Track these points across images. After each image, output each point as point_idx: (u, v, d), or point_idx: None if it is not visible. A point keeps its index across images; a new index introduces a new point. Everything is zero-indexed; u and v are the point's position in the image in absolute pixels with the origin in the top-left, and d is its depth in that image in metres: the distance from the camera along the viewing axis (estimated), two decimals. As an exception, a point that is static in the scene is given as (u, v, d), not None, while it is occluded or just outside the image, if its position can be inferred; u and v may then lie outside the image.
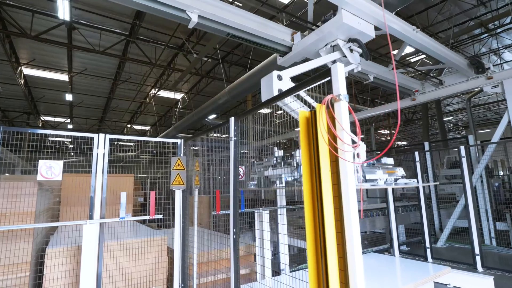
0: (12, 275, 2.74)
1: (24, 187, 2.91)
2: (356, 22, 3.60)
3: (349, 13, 3.53)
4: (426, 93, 6.81)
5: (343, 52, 3.66)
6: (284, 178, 3.15)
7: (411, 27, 4.65)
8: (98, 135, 3.14)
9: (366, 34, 3.71)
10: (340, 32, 3.63)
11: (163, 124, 19.96)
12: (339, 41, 3.67)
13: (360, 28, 3.62)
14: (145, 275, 3.30)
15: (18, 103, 16.65)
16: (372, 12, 3.71)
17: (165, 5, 3.51)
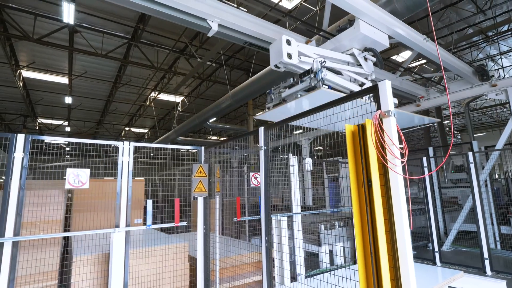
0: (40, 283, 2.74)
1: (51, 195, 2.91)
2: (372, 32, 3.67)
3: (366, 24, 3.60)
4: (431, 99, 6.97)
5: (358, 61, 3.70)
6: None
7: (422, 36, 4.79)
8: (123, 142, 3.16)
9: (381, 43, 3.79)
10: (356, 41, 3.69)
11: (161, 127, 19.88)
12: (354, 50, 3.71)
13: (376, 38, 3.69)
14: (167, 282, 3.32)
15: (15, 106, 16.43)
16: (387, 21, 3.80)
17: (187, 14, 3.56)
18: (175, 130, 14.08)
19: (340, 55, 3.56)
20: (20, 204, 2.60)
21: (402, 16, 4.57)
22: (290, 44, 3.04)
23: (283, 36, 3.02)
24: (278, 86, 3.29)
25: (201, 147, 3.69)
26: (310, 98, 2.87)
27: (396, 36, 4.19)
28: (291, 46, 3.05)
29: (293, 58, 3.03)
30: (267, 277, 2.44)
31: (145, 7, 3.40)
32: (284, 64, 3.09)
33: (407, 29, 4.34)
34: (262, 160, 2.60)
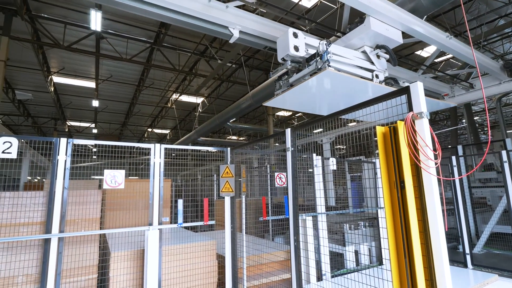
0: (83, 277, 2.94)
1: (90, 195, 3.11)
2: (384, 28, 3.53)
3: (377, 20, 3.47)
4: (456, 96, 6.73)
5: (370, 58, 3.60)
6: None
7: (444, 34, 4.64)
8: (154, 145, 3.32)
9: (394, 40, 3.65)
10: (367, 39, 3.57)
11: (183, 128, 20.33)
12: (366, 47, 3.60)
13: (388, 35, 3.56)
14: (197, 278, 3.44)
15: (47, 110, 17.39)
16: (400, 18, 3.65)
17: (210, 23, 3.66)
18: (196, 131, 14.38)
19: (350, 51, 3.44)
20: (64, 203, 2.81)
21: (427, 11, 4.44)
22: (297, 37, 3.03)
23: (289, 29, 3.00)
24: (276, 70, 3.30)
25: (227, 148, 3.79)
26: (317, 80, 2.85)
27: (413, 33, 4.03)
28: (298, 38, 3.03)
29: (300, 50, 3.01)
30: (296, 275, 2.49)
31: (171, 18, 3.53)
32: (292, 57, 3.06)
33: (426, 26, 4.20)
34: (289, 161, 2.65)
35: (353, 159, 6.38)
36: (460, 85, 6.70)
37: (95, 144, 16.94)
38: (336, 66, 3.16)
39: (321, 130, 10.16)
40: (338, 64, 3.22)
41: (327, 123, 2.75)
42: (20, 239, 2.72)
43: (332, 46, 3.08)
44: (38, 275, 2.75)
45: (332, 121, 2.81)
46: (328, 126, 2.76)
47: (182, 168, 13.70)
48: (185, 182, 11.09)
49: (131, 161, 16.68)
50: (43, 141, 3.05)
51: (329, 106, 3.94)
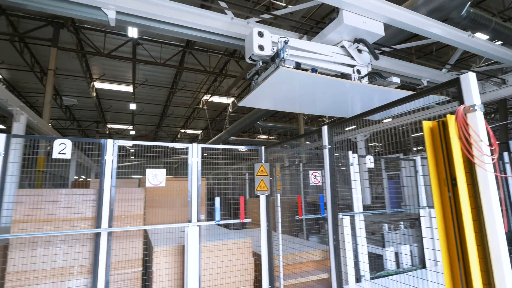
0: (129, 269, 3.13)
1: (134, 192, 3.31)
2: (360, 21, 3.31)
3: (351, 14, 3.26)
4: (487, 93, 6.23)
5: (349, 53, 3.41)
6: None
7: (466, 33, 4.40)
8: (192, 145, 3.43)
9: (374, 33, 3.40)
10: (345, 33, 3.37)
11: (214, 128, 20.79)
12: (344, 42, 3.42)
13: (366, 28, 3.33)
14: (234, 275, 3.51)
15: (90, 114, 18.68)
16: (379, 9, 3.36)
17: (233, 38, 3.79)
18: (227, 131, 14.62)
19: (325, 47, 3.31)
20: (111, 200, 3.01)
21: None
22: (262, 36, 2.95)
23: (254, 29, 2.94)
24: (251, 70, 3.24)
25: (262, 147, 3.82)
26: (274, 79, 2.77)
27: (399, 25, 3.67)
28: (264, 37, 2.95)
29: (265, 49, 2.93)
30: (336, 276, 2.44)
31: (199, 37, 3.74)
32: (258, 56, 2.99)
33: (441, 26, 3.95)
34: (326, 159, 2.61)
35: (391, 156, 6.12)
36: (491, 81, 6.20)
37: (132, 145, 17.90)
38: (308, 63, 3.13)
39: (354, 127, 9.85)
40: (309, 60, 3.15)
41: (363, 121, 2.68)
42: (74, 233, 2.96)
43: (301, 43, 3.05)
44: (91, 266, 2.98)
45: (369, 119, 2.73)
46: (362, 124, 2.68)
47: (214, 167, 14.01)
48: (217, 181, 11.34)
49: (165, 161, 17.43)
50: (92, 142, 3.30)
51: (313, 103, 3.80)
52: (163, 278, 3.22)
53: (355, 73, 3.37)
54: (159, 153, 3.84)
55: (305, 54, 3.14)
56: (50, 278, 2.84)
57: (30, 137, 2.99)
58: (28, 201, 2.90)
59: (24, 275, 2.76)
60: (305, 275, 3.64)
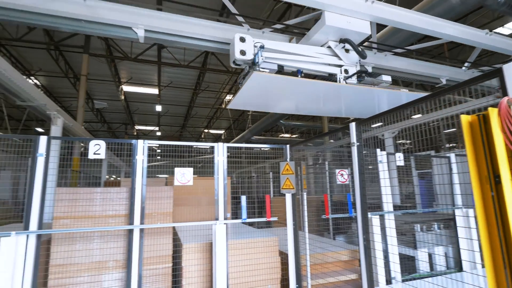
0: (159, 265, 3.24)
1: (163, 191, 3.42)
2: (344, 22, 3.29)
3: (333, 14, 3.26)
4: None
5: (336, 53, 3.40)
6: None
7: (483, 32, 4.31)
8: (217, 144, 3.48)
9: (360, 32, 3.37)
10: (330, 34, 3.36)
11: (236, 128, 20.97)
12: (330, 42, 3.41)
13: (351, 28, 3.31)
14: (260, 273, 3.53)
15: (119, 116, 19.52)
16: (364, 8, 3.33)
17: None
18: (249, 130, 14.69)
19: (310, 48, 3.34)
20: (143, 198, 3.13)
21: None
22: (244, 41, 3.04)
23: (236, 34, 3.04)
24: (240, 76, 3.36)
25: (287, 145, 3.80)
26: (250, 83, 2.83)
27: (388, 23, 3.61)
28: (245, 42, 3.03)
29: (247, 54, 3.01)
30: (367, 276, 2.38)
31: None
32: (241, 61, 3.07)
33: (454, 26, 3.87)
34: (355, 156, 2.55)
35: (423, 154, 5.85)
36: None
37: (159, 145, 18.47)
38: (292, 65, 3.24)
39: (381, 124, 9.53)
40: (294, 62, 3.25)
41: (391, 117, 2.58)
42: (109, 229, 3.12)
43: (284, 46, 3.17)
44: (124, 261, 3.11)
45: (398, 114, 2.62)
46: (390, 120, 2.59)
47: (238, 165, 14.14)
48: (241, 180, 11.43)
49: (190, 160, 17.85)
50: (123, 143, 3.44)
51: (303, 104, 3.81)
52: (192, 274, 3.30)
53: (342, 73, 3.38)
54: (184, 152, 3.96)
55: (288, 57, 3.20)
56: (88, 271, 3.00)
57: (67, 139, 3.19)
58: (67, 199, 3.08)
59: (65, 268, 2.94)
60: (333, 275, 3.58)
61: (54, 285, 2.89)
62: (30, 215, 2.78)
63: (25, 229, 2.74)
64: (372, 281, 2.37)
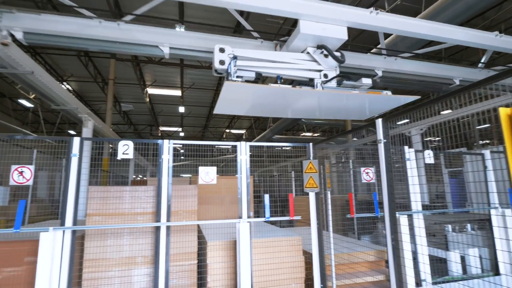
0: (185, 262, 3.32)
1: (188, 189, 3.50)
2: (320, 28, 3.38)
3: (308, 22, 3.36)
4: None
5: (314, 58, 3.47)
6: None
7: (493, 34, 4.30)
8: (240, 143, 3.51)
9: (337, 38, 3.44)
10: (308, 40, 3.44)
11: (257, 127, 21.03)
12: (309, 49, 3.48)
13: (327, 34, 3.38)
14: (284, 272, 3.51)
15: (144, 118, 20.20)
16: (340, 14, 3.41)
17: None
18: (271, 129, 14.67)
19: (286, 55, 3.47)
20: (169, 197, 3.23)
21: None
22: (223, 51, 3.18)
23: (216, 45, 3.19)
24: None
25: (309, 144, 3.76)
26: (224, 92, 2.99)
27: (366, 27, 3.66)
28: (225, 53, 3.18)
29: (226, 63, 3.16)
30: (396, 278, 2.30)
31: None
32: (222, 70, 3.22)
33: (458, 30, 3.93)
34: (382, 154, 2.47)
35: (454, 151, 5.56)
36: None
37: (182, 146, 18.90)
38: (272, 72, 3.41)
39: (407, 120, 9.17)
40: (272, 69, 3.41)
41: (420, 113, 2.48)
42: (137, 226, 3.24)
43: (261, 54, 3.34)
44: (152, 257, 3.22)
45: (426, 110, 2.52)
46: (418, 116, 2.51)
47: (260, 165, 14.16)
48: (263, 179, 11.45)
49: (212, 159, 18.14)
50: (149, 143, 3.56)
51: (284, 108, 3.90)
52: (216, 272, 3.35)
53: (321, 77, 3.46)
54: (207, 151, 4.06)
55: (267, 64, 3.36)
56: (119, 266, 3.14)
57: (98, 140, 3.35)
58: (98, 197, 3.24)
59: (97, 262, 3.09)
60: (359, 275, 3.50)
61: (88, 279, 3.05)
62: (66, 212, 2.95)
63: (61, 225, 2.91)
64: (401, 282, 2.28)
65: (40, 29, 3.51)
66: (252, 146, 3.61)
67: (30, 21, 3.49)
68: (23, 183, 2.96)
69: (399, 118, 2.42)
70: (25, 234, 3.19)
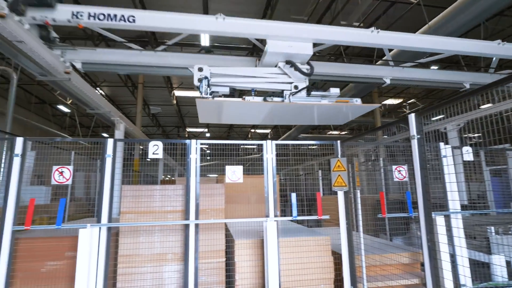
0: (214, 259, 3.38)
1: (215, 188, 3.54)
2: (286, 46, 3.75)
3: (274, 42, 3.73)
4: None
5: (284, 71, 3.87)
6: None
7: (495, 42, 4.49)
8: (266, 142, 3.50)
9: (302, 53, 3.80)
10: (278, 57, 3.83)
11: (283, 127, 20.91)
12: (280, 63, 3.89)
13: (293, 51, 3.76)
14: (313, 273, 3.45)
15: (171, 120, 20.84)
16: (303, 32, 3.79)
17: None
18: (296, 128, 14.52)
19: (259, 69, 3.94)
20: (197, 195, 3.29)
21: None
22: (202, 70, 3.65)
23: (195, 66, 3.67)
24: None
25: (337, 141, 3.66)
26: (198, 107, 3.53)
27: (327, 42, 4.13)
28: (203, 71, 3.64)
29: (203, 82, 3.62)
30: (432, 281, 2.17)
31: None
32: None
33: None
34: (415, 150, 2.34)
35: (497, 147, 5.16)
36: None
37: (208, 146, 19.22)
38: (245, 86, 3.89)
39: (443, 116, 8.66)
40: (245, 84, 3.87)
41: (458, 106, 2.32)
42: (167, 223, 3.34)
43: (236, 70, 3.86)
44: (182, 254, 3.30)
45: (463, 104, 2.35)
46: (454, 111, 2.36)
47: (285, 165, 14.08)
48: (289, 178, 11.37)
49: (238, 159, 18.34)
50: (178, 143, 3.65)
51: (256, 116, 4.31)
52: (244, 270, 3.36)
53: (291, 89, 3.85)
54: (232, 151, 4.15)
55: (242, 79, 3.84)
56: (151, 262, 3.25)
57: (130, 141, 3.51)
58: (131, 195, 3.37)
59: (131, 258, 3.22)
60: (393, 278, 3.35)
61: (122, 273, 3.18)
62: (101, 210, 3.11)
63: (97, 222, 3.07)
64: (438, 286, 2.15)
65: (95, 60, 4.37)
66: (278, 144, 3.58)
67: (87, 54, 4.33)
68: (63, 182, 3.15)
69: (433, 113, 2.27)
70: (65, 231, 3.40)
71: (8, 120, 8.52)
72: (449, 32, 5.33)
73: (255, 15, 10.31)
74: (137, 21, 3.55)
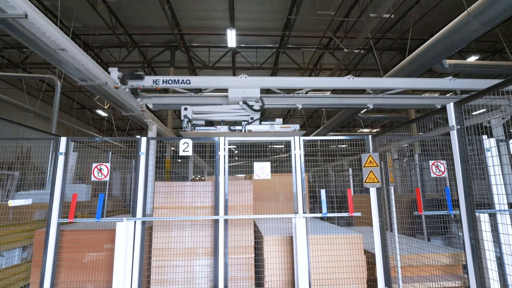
0: (243, 255, 3.40)
1: (244, 185, 3.57)
2: (241, 92, 5.55)
3: (234, 90, 5.55)
4: None
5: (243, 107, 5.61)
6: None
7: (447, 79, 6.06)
8: (294, 138, 3.46)
9: (253, 96, 5.59)
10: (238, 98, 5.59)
11: (310, 125, 20.62)
12: (240, 102, 5.60)
13: (245, 95, 5.53)
14: (344, 271, 3.35)
15: (200, 121, 21.34)
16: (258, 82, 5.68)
17: None
18: (325, 126, 14.22)
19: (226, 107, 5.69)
20: (226, 192, 3.34)
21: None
22: (187, 109, 5.46)
23: (182, 107, 5.52)
24: None
25: (368, 136, 3.53)
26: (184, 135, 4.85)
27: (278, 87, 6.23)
28: (187, 111, 5.46)
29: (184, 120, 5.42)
30: (476, 283, 2.01)
31: None
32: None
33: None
34: (455, 143, 2.18)
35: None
36: None
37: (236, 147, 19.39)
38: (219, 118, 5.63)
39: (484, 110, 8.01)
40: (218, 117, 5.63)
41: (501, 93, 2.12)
42: (198, 219, 3.42)
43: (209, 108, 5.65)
44: (212, 249, 3.36)
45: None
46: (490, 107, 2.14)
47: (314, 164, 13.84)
48: (318, 177, 11.16)
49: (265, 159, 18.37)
50: (206, 142, 3.73)
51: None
52: (273, 266, 3.35)
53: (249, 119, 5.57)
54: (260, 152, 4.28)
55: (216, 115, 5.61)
56: (182, 256, 3.35)
57: (161, 139, 3.68)
58: (163, 191, 3.50)
59: (163, 252, 3.35)
60: (432, 279, 3.15)
61: (156, 266, 3.31)
62: (136, 205, 3.26)
63: (132, 217, 3.23)
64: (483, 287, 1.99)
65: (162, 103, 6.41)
66: (306, 140, 3.52)
67: (157, 99, 6.36)
68: (101, 179, 3.35)
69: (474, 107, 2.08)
70: (104, 224, 3.61)
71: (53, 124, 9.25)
72: (492, 17, 4.93)
73: (280, 14, 10.27)
74: (192, 83, 5.58)
